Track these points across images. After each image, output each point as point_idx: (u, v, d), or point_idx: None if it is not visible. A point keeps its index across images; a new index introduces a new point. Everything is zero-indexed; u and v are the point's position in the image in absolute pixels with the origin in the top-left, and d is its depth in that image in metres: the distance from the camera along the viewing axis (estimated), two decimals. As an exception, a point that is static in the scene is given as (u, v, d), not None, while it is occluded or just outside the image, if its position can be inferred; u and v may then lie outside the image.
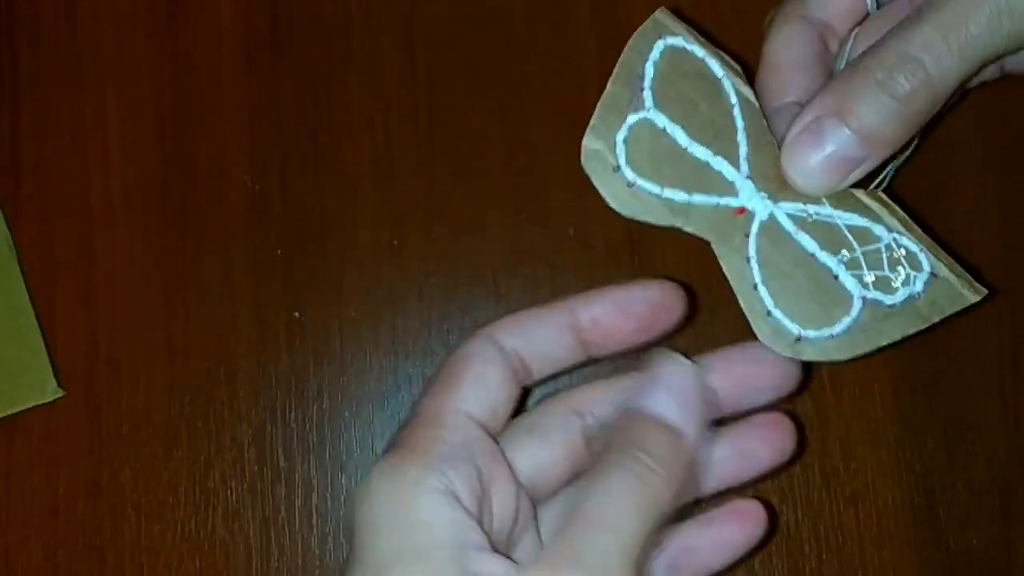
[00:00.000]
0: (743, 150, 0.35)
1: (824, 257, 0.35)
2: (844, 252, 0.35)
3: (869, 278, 0.35)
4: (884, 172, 0.37)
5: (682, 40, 0.35)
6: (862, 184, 0.35)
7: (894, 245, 0.35)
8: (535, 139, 0.46)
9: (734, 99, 0.35)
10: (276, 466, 0.44)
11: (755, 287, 0.34)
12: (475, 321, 0.45)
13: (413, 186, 0.46)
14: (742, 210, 0.35)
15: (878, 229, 0.35)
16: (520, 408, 0.36)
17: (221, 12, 0.47)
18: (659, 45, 0.35)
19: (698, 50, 0.35)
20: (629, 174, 0.34)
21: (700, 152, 0.35)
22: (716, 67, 0.35)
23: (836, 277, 0.34)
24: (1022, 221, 0.46)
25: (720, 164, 0.35)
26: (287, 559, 0.44)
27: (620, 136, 0.34)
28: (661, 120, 0.35)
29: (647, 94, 0.35)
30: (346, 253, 0.45)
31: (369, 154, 0.46)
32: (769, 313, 0.34)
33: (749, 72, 0.37)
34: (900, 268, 0.35)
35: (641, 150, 0.34)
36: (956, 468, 0.44)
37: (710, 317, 0.44)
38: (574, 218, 0.45)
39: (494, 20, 0.46)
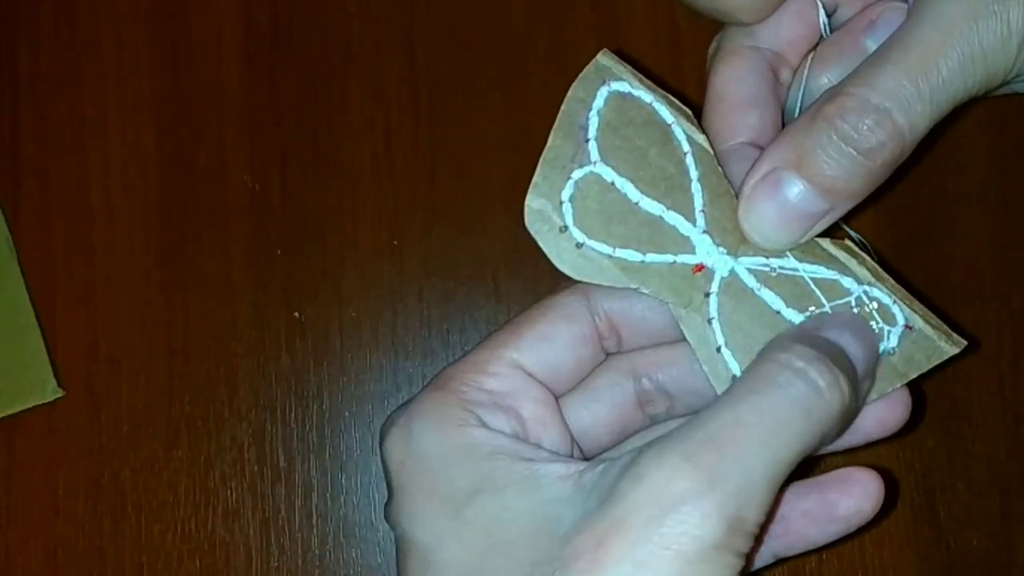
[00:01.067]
0: (698, 202, 0.33)
1: (790, 314, 0.33)
2: (812, 308, 0.33)
3: None
4: None
5: (627, 84, 0.33)
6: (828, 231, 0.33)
7: (865, 298, 0.33)
8: (535, 139, 0.45)
9: (686, 147, 0.33)
10: (276, 466, 0.44)
11: (718, 350, 0.32)
12: (475, 321, 0.45)
13: (413, 186, 0.46)
14: (701, 267, 0.33)
15: (847, 281, 0.33)
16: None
17: (221, 12, 0.47)
18: (603, 92, 0.33)
19: (645, 95, 0.33)
20: (577, 234, 0.32)
21: (652, 207, 0.33)
22: (665, 113, 0.33)
23: None
24: (1022, 221, 0.46)
25: (674, 219, 0.33)
26: (287, 559, 0.44)
27: (565, 194, 0.32)
28: (608, 174, 0.32)
29: (592, 146, 0.32)
30: (346, 253, 0.45)
31: (369, 154, 0.46)
32: (735, 378, 0.32)
33: (700, 115, 0.35)
34: (873, 323, 0.33)
35: (589, 208, 0.32)
36: (956, 468, 0.44)
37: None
38: (574, 218, 0.45)
39: (494, 20, 0.46)
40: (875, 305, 0.33)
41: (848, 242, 0.34)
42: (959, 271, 0.45)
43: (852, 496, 0.33)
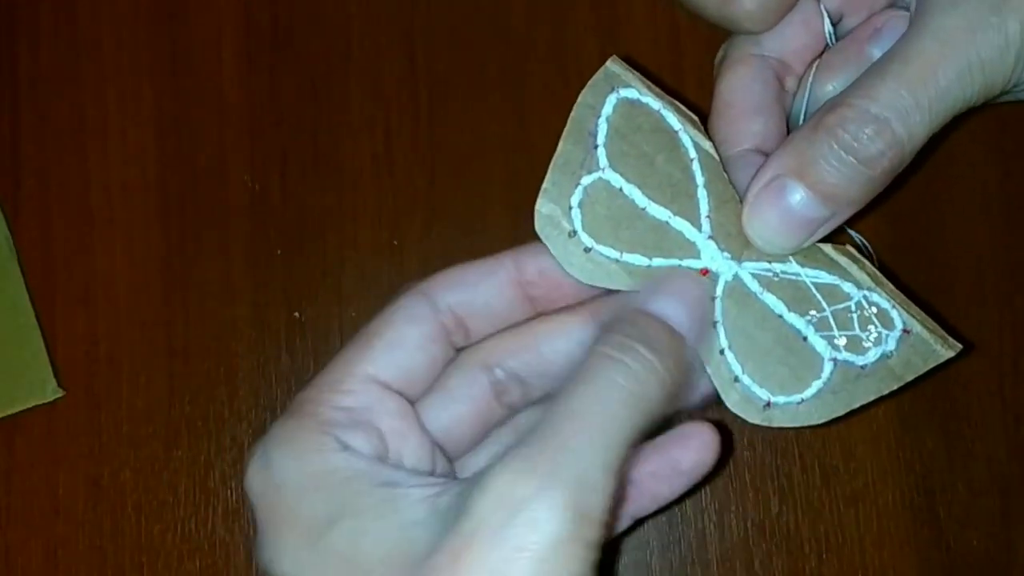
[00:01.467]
0: (704, 208, 0.34)
1: (792, 318, 0.33)
2: (813, 312, 0.33)
3: (840, 340, 0.33)
4: None
5: (636, 91, 0.34)
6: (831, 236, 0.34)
7: (864, 303, 0.34)
8: (535, 139, 0.46)
9: (693, 153, 0.34)
10: (276, 466, 0.44)
11: (721, 352, 0.33)
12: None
13: (413, 186, 0.46)
14: (705, 272, 0.33)
15: (847, 286, 0.34)
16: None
17: (221, 12, 0.47)
18: (612, 99, 0.34)
19: (653, 102, 0.34)
20: (586, 239, 0.33)
21: (659, 212, 0.33)
22: (673, 119, 0.34)
23: (805, 339, 0.33)
24: (1022, 221, 0.46)
25: (680, 224, 0.33)
26: (287, 559, 0.44)
27: (575, 199, 0.33)
28: (617, 180, 0.33)
29: (600, 152, 0.33)
30: (346, 253, 0.45)
31: (369, 154, 0.46)
32: (737, 379, 0.33)
33: (706, 121, 0.35)
34: (871, 327, 0.33)
35: (597, 213, 0.33)
36: (956, 468, 0.44)
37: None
38: (574, 218, 0.45)
39: (494, 20, 0.46)
40: (874, 310, 0.34)
41: (849, 247, 0.34)
42: (961, 271, 0.45)
43: (692, 449, 0.34)
